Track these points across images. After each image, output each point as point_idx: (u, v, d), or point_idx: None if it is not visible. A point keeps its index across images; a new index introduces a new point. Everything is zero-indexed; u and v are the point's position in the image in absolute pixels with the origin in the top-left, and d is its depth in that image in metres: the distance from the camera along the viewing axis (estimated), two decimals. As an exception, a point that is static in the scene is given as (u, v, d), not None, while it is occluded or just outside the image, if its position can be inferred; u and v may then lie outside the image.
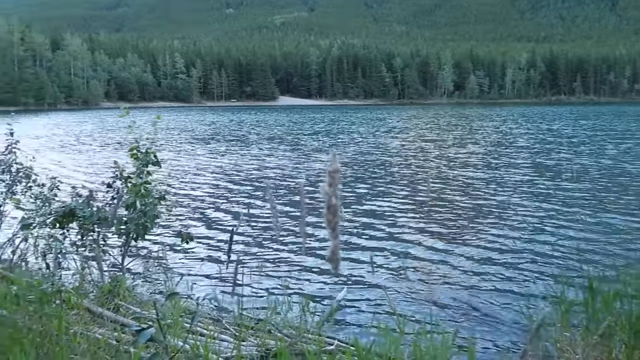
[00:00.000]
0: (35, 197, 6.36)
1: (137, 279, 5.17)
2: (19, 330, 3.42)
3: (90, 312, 4.16)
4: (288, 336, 4.31)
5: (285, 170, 21.53)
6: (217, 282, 6.89)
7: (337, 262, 1.01)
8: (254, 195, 15.97)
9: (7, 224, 7.13)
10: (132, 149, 4.85)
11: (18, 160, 7.57)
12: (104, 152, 29.72)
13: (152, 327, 1.84)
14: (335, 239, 1.02)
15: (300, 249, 8.99)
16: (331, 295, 6.78)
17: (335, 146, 31.61)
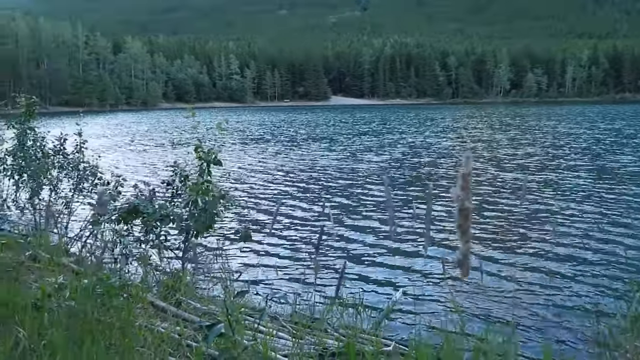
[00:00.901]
0: (99, 195, 6.61)
1: (197, 275, 5.31)
2: (89, 322, 3.58)
3: (154, 306, 4.29)
4: (344, 336, 4.31)
5: (332, 170, 21.50)
6: (273, 279, 6.99)
7: (468, 267, 0.99)
8: (308, 194, 16.06)
9: (75, 219, 7.48)
10: (196, 149, 4.98)
11: (85, 159, 7.95)
12: (163, 151, 30.64)
13: (222, 323, 1.88)
14: (466, 244, 1.01)
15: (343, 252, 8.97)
16: (387, 296, 6.74)
17: (382, 147, 31.25)
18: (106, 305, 3.84)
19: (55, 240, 6.63)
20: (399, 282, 7.70)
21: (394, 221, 1.39)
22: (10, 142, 8.04)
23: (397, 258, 9.09)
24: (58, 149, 8.09)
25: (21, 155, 7.81)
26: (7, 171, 7.92)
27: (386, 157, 26.07)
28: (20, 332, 3.29)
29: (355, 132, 45.01)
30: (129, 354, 3.32)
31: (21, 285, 4.19)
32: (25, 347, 3.14)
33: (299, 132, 46.04)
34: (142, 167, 23.27)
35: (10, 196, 8.11)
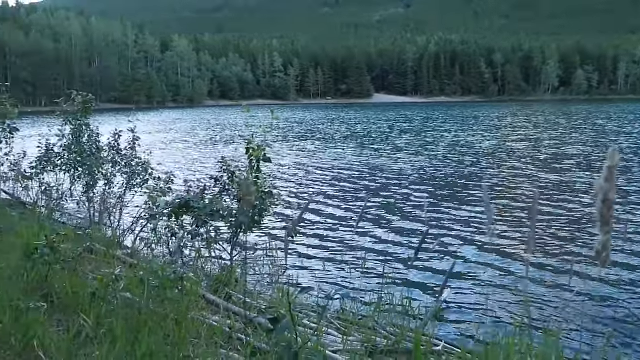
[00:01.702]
0: (152, 190, 6.80)
1: (246, 269, 5.40)
2: (144, 313, 3.69)
3: (205, 299, 4.40)
4: (392, 334, 4.30)
5: (372, 168, 21.34)
6: (316, 275, 7.04)
7: (607, 258, 0.98)
8: (348, 193, 16.05)
9: (128, 212, 7.72)
10: (248, 145, 5.06)
11: (137, 154, 8.20)
12: (208, 148, 31.19)
13: (286, 318, 1.92)
14: (607, 234, 1.00)
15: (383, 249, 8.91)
16: (434, 295, 6.68)
17: (423, 145, 30.79)
18: (160, 297, 3.96)
19: (109, 233, 6.88)
20: (449, 281, 7.61)
21: (492, 222, 1.38)
22: (66, 138, 8.35)
23: (446, 257, 8.98)
24: (112, 145, 8.37)
25: (77, 151, 8.11)
26: (64, 166, 8.24)
27: (426, 156, 25.74)
28: (83, 321, 3.43)
29: (396, 131, 44.62)
30: (183, 345, 3.42)
31: (80, 276, 4.34)
32: (88, 335, 3.26)
33: (340, 130, 45.99)
34: (189, 163, 23.75)
35: (67, 190, 8.43)
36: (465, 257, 8.99)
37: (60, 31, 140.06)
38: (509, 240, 10.17)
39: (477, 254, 9.31)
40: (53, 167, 8.30)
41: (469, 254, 9.35)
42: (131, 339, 3.31)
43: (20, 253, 4.55)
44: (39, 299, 3.63)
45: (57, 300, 3.87)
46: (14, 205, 7.99)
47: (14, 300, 3.42)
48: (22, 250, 4.52)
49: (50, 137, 8.53)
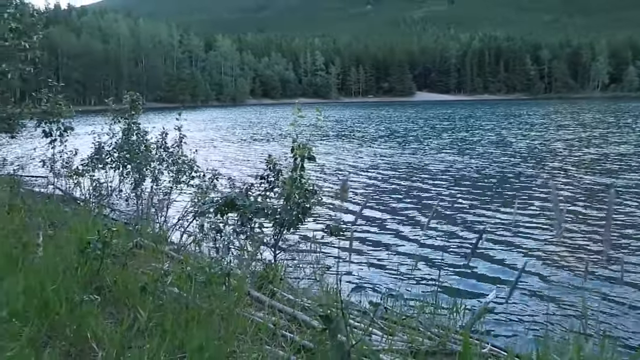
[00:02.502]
0: (198, 187, 6.94)
1: (289, 266, 5.44)
2: (192, 307, 3.77)
3: (251, 295, 4.45)
4: (437, 335, 4.25)
5: (406, 168, 21.07)
6: (362, 274, 7.02)
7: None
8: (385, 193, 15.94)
9: (175, 209, 7.89)
10: (294, 144, 5.10)
11: (183, 153, 8.37)
12: (251, 145, 31.55)
13: (339, 317, 1.92)
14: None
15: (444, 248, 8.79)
16: (481, 296, 6.57)
17: (461, 145, 30.10)
18: (207, 292, 4.04)
19: (157, 229, 7.04)
20: (495, 282, 7.47)
21: (561, 224, 1.35)
22: (116, 137, 8.62)
23: (492, 260, 8.80)
24: (160, 143, 8.58)
25: (126, 149, 8.34)
26: (114, 163, 8.51)
27: (465, 155, 25.26)
28: (135, 314, 3.52)
29: (435, 129, 43.98)
30: (230, 340, 3.47)
31: (130, 271, 4.46)
32: (141, 328, 3.35)
33: (378, 129, 45.68)
34: (231, 161, 24.08)
35: (117, 187, 8.70)
36: (514, 260, 8.79)
37: (109, 32, 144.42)
38: (559, 246, 9.86)
39: (526, 257, 9.09)
40: (103, 164, 8.58)
41: (516, 257, 9.14)
42: (179, 333, 3.39)
43: (74, 247, 4.72)
44: (92, 291, 3.75)
45: (109, 293, 3.99)
46: (66, 201, 8.28)
47: (69, 293, 3.54)
48: (76, 245, 4.69)
49: (101, 136, 8.81)
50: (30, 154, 13.44)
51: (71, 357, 3.07)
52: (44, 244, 4.78)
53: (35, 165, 12.46)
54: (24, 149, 16.37)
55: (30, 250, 4.52)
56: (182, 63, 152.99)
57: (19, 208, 6.06)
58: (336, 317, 1.86)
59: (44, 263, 4.07)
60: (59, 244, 4.90)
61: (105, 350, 3.05)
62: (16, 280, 3.63)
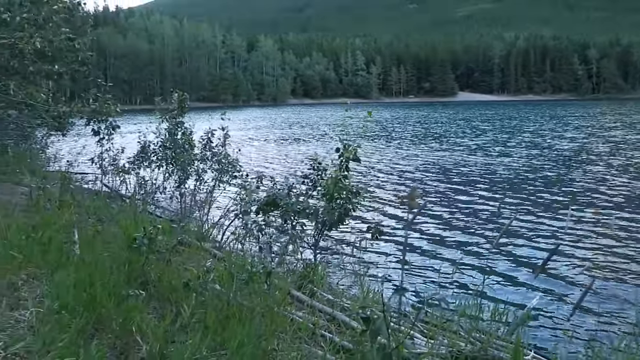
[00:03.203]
0: (241, 186, 7.02)
1: (329, 267, 5.45)
2: (233, 305, 3.82)
3: (291, 294, 4.48)
4: (478, 340, 4.18)
5: (441, 170, 20.68)
6: (402, 276, 6.93)
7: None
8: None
9: (217, 207, 8.01)
10: (340, 145, 5.10)
11: (226, 152, 8.50)
12: (292, 145, 31.73)
13: (380, 319, 1.91)
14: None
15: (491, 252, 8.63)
16: (523, 302, 6.41)
17: (496, 148, 29.27)
18: (248, 290, 4.09)
19: (199, 226, 7.17)
20: (539, 287, 7.28)
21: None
22: (162, 135, 8.82)
23: (538, 262, 8.57)
24: (205, 143, 8.74)
25: (171, 147, 8.53)
26: (159, 161, 8.71)
27: (500, 157, 24.68)
28: (178, 310, 3.60)
29: (471, 130, 43.07)
30: (271, 338, 3.50)
31: (173, 267, 4.55)
32: (183, 324, 3.42)
33: (415, 130, 45.11)
34: (271, 160, 24.25)
35: (161, 184, 8.90)
36: (561, 269, 8.54)
37: (154, 33, 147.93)
38: (607, 254, 9.52)
39: (570, 264, 8.83)
40: (149, 162, 8.80)
41: (564, 265, 8.88)
42: (221, 329, 3.44)
43: (120, 243, 4.86)
44: (138, 287, 3.84)
45: (153, 288, 4.08)
46: (113, 198, 8.53)
47: (116, 287, 3.64)
48: (122, 241, 4.82)
49: (147, 134, 9.04)
50: (79, 151, 13.91)
51: (117, 350, 3.16)
52: (92, 240, 4.92)
53: (83, 162, 12.89)
54: (72, 146, 16.93)
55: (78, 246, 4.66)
56: (225, 63, 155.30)
57: (69, 204, 6.27)
58: (377, 319, 1.85)
59: (92, 258, 4.19)
60: (106, 239, 5.04)
61: (149, 344, 3.12)
62: (66, 273, 3.76)
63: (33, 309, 3.20)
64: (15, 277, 3.65)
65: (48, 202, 6.17)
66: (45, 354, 2.72)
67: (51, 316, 3.12)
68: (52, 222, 5.09)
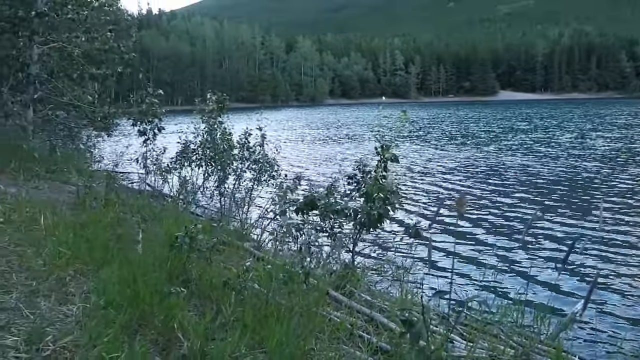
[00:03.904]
0: (279, 186, 7.07)
1: (367, 268, 5.43)
2: (271, 304, 3.86)
3: (329, 295, 4.49)
4: (519, 344, 4.10)
5: (471, 171, 20.27)
6: (441, 278, 6.86)
7: None
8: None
9: (255, 207, 8.10)
10: (378, 145, 5.09)
11: (265, 152, 8.58)
12: (329, 145, 31.77)
13: (419, 322, 1.90)
14: None
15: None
16: (565, 307, 6.25)
17: (534, 148, 28.44)
18: (287, 290, 4.11)
19: (238, 226, 7.26)
20: (582, 292, 7.08)
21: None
22: (202, 136, 8.98)
23: (580, 268, 8.35)
24: (243, 143, 8.85)
25: (211, 147, 8.68)
26: (199, 161, 8.88)
27: (537, 157, 24.02)
28: (219, 307, 3.66)
29: (507, 130, 42.05)
30: (309, 338, 3.52)
31: (213, 265, 4.62)
32: (223, 322, 3.47)
33: (450, 129, 44.38)
34: (307, 160, 24.31)
35: (202, 184, 9.06)
36: (605, 269, 8.29)
37: (195, 35, 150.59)
38: None
39: (615, 268, 8.56)
40: (189, 162, 8.97)
41: (607, 266, 8.62)
42: (259, 328, 3.47)
43: (162, 241, 4.97)
44: (179, 284, 3.91)
45: (194, 286, 4.15)
46: (155, 197, 8.72)
47: (158, 285, 3.72)
48: (165, 239, 4.93)
49: (188, 135, 9.22)
50: (122, 151, 14.28)
51: (159, 346, 3.22)
52: (138, 238, 5.05)
53: (127, 161, 13.22)
54: (116, 146, 17.37)
55: (124, 243, 4.79)
56: (264, 64, 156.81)
57: (114, 202, 6.45)
58: (417, 322, 1.84)
59: (135, 255, 4.30)
60: (149, 238, 5.16)
61: (190, 341, 3.18)
62: (111, 270, 3.87)
63: (80, 304, 3.30)
64: (64, 272, 3.77)
65: (94, 201, 6.35)
66: (91, 348, 2.81)
67: (97, 311, 3.21)
68: (97, 220, 5.23)
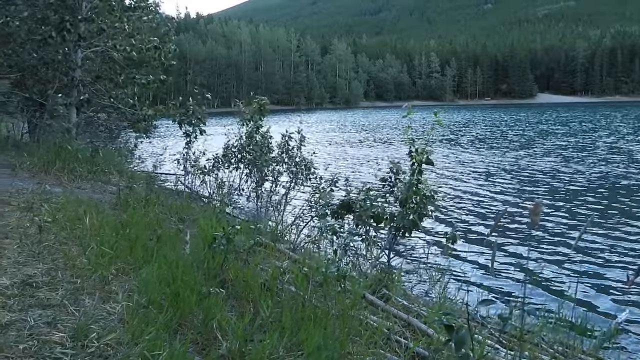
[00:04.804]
0: (315, 189, 7.09)
1: (404, 272, 5.39)
2: (308, 307, 3.86)
3: (365, 298, 4.47)
4: (561, 353, 4.00)
5: (508, 176, 19.81)
6: (479, 283, 6.78)
7: None
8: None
9: (291, 209, 8.13)
10: (412, 148, 5.05)
11: (302, 155, 8.63)
12: (370, 148, 31.66)
13: (464, 328, 1.87)
14: None
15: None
16: (611, 316, 6.07)
17: (568, 152, 27.62)
18: (323, 293, 4.12)
19: (274, 228, 7.30)
20: (630, 300, 6.86)
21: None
22: (242, 138, 9.09)
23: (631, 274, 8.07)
24: (282, 145, 8.92)
25: (250, 149, 8.77)
26: (238, 163, 8.99)
27: (576, 161, 23.36)
28: (257, 309, 3.68)
29: (538, 134, 40.99)
30: (345, 341, 3.51)
31: (250, 267, 4.66)
32: (261, 323, 3.49)
33: (482, 132, 43.57)
34: (342, 162, 24.28)
35: (239, 185, 9.17)
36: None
37: (232, 39, 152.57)
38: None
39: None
40: (228, 164, 9.10)
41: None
42: (296, 330, 3.48)
43: (200, 242, 5.04)
44: (217, 285, 3.95)
45: (231, 287, 4.20)
46: (193, 198, 8.85)
47: (197, 285, 3.78)
48: (202, 240, 5.00)
49: (229, 137, 9.34)
50: (161, 152, 14.55)
51: (198, 345, 3.27)
52: (175, 238, 5.13)
53: (166, 162, 13.48)
54: (154, 147, 17.71)
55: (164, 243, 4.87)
56: (299, 67, 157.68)
57: (154, 202, 6.58)
58: (462, 329, 1.81)
59: (174, 255, 4.38)
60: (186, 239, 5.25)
61: (229, 341, 3.21)
62: (151, 270, 3.95)
63: (123, 302, 3.38)
64: (106, 271, 3.86)
65: (134, 201, 6.49)
66: (133, 346, 2.87)
67: (139, 310, 3.28)
68: (138, 220, 5.34)
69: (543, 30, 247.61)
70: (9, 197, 5.78)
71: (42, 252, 4.13)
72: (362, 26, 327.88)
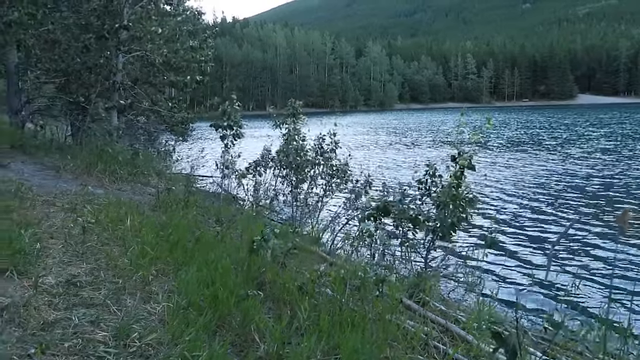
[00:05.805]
0: (351, 192, 7.08)
1: (441, 276, 5.31)
2: (345, 310, 3.85)
3: (403, 303, 4.43)
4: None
5: (545, 181, 19.25)
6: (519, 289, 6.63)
7: None
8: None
9: (327, 212, 8.13)
10: (456, 152, 4.99)
11: (337, 157, 8.63)
12: (401, 150, 31.46)
13: (511, 337, 1.83)
14: None
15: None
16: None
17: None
18: (360, 296, 4.10)
19: (311, 231, 7.32)
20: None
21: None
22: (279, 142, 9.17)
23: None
24: (317, 148, 8.94)
25: (286, 153, 8.82)
26: (275, 166, 9.06)
27: (611, 166, 22.59)
28: (295, 312, 3.69)
29: (573, 137, 39.75)
30: (383, 346, 3.48)
31: (287, 270, 4.68)
32: (298, 326, 3.50)
33: (518, 135, 42.57)
34: (378, 165, 24.13)
35: (276, 188, 9.23)
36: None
37: (267, 42, 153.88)
38: None
39: None
40: (265, 167, 9.17)
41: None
42: (334, 334, 3.47)
43: (238, 244, 5.08)
44: (254, 287, 3.98)
45: (269, 290, 4.22)
46: (231, 200, 8.95)
47: (235, 287, 3.81)
48: (240, 242, 5.04)
49: (267, 141, 9.42)
50: (198, 155, 14.77)
51: (236, 347, 3.29)
52: (213, 240, 5.19)
53: (202, 165, 13.68)
54: (192, 150, 17.98)
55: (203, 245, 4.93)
56: (333, 69, 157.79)
57: (192, 205, 6.68)
58: (510, 337, 1.76)
59: (213, 258, 4.42)
60: (226, 241, 5.29)
61: (267, 343, 3.22)
62: (190, 271, 4.00)
63: (164, 303, 3.43)
64: (147, 272, 3.93)
65: (173, 203, 6.60)
66: (174, 347, 2.91)
67: (179, 311, 3.32)
68: (177, 222, 5.42)
69: (584, 29, 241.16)
70: (54, 198, 5.94)
71: (85, 252, 4.23)
72: (397, 28, 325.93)
